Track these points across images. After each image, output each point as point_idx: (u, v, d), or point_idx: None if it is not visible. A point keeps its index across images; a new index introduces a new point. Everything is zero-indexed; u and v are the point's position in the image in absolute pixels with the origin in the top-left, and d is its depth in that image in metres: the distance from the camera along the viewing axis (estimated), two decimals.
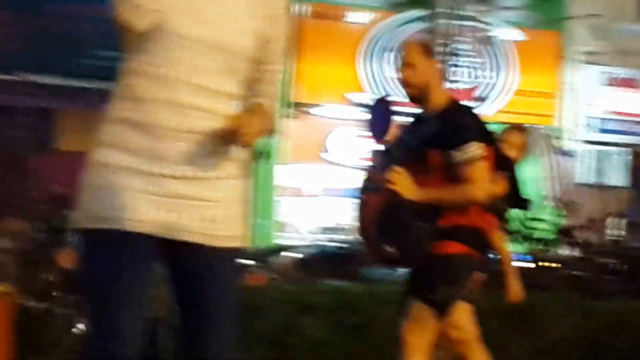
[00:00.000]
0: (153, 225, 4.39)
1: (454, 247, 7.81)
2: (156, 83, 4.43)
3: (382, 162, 7.92)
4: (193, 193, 4.44)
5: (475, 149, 7.64)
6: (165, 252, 4.47)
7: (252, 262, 16.56)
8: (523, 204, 9.53)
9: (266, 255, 18.23)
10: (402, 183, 7.62)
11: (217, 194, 4.50)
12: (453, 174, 7.66)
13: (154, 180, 4.40)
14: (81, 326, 9.17)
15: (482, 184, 7.72)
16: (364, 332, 8.19)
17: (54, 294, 9.77)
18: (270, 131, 4.56)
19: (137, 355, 4.44)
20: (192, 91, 4.44)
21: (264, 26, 4.56)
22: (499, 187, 8.41)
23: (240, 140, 4.38)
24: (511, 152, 9.44)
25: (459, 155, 7.62)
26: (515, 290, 8.90)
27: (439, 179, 7.70)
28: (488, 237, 8.12)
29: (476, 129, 7.84)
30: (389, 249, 7.76)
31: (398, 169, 7.62)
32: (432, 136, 7.75)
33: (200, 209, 4.45)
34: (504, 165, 8.63)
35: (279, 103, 5.13)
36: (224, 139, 4.41)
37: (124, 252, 4.40)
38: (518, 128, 10.44)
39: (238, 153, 4.54)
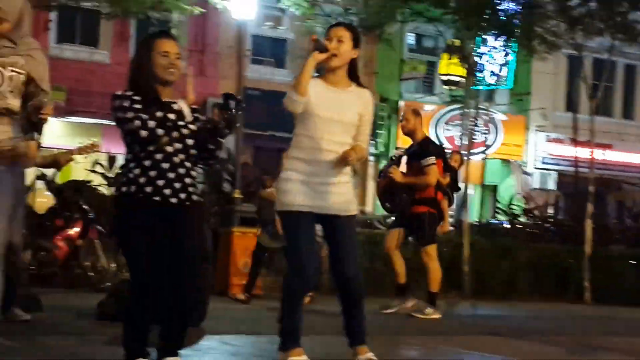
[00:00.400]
0: (313, 208, 4.26)
1: (423, 209, 7.59)
2: (309, 139, 4.29)
3: (390, 164, 7.79)
4: (331, 190, 4.28)
5: (432, 160, 7.47)
6: (321, 220, 4.31)
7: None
8: (458, 189, 9.19)
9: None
10: (395, 174, 7.46)
11: (340, 190, 4.32)
12: (423, 172, 7.47)
13: (312, 186, 4.26)
14: None
15: (434, 177, 7.50)
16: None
17: None
18: (363, 158, 4.39)
19: (316, 276, 4.37)
20: (327, 143, 4.27)
21: (361, 110, 4.35)
22: (446, 180, 8.14)
23: (349, 163, 4.28)
24: (454, 164, 9.20)
25: (424, 162, 7.46)
26: (444, 229, 8.10)
27: (417, 173, 7.50)
28: (440, 204, 7.81)
29: (434, 151, 7.63)
30: (388, 205, 7.67)
31: (394, 167, 7.55)
32: (414, 153, 7.56)
33: (334, 197, 4.28)
34: (450, 170, 8.40)
35: (370, 145, 4.69)
36: (342, 163, 4.28)
37: (301, 221, 4.25)
38: (458, 152, 10.12)
39: (348, 169, 4.38)
